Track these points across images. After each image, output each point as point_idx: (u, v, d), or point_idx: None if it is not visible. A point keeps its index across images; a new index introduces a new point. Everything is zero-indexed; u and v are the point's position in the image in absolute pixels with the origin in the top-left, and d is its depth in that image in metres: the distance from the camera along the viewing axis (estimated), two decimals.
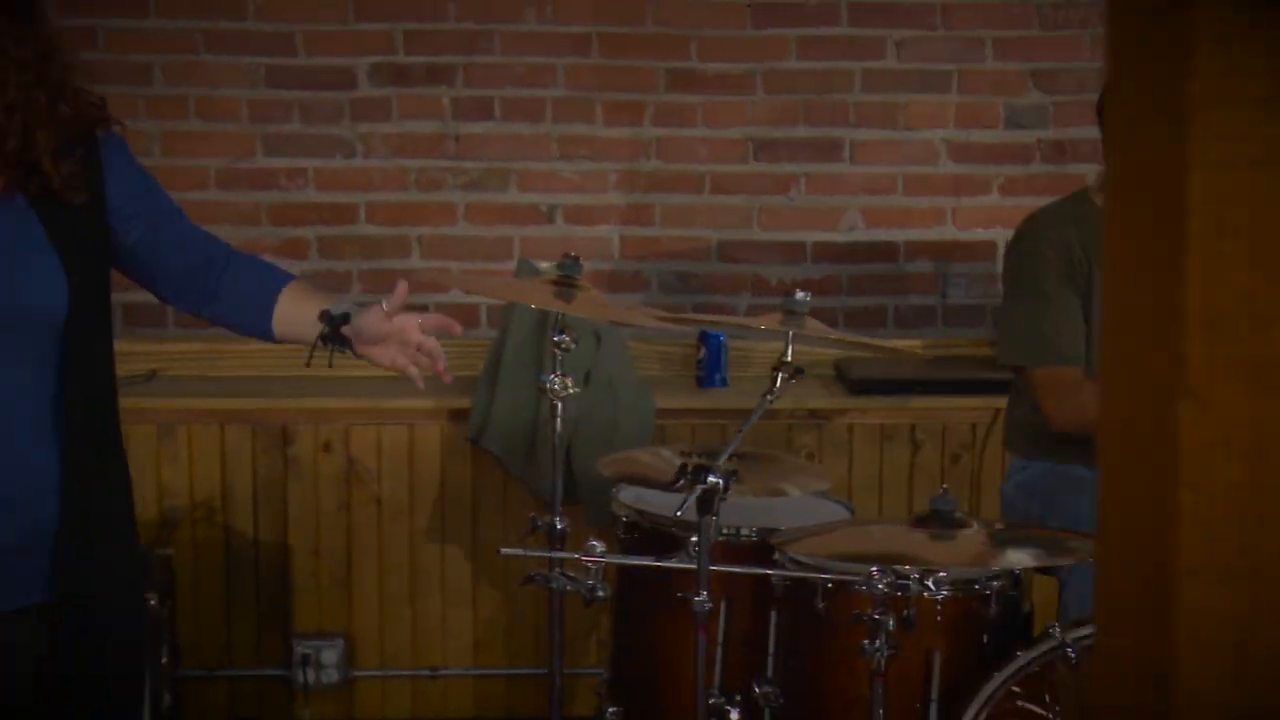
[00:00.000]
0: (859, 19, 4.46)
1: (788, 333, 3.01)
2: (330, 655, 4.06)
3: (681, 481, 2.88)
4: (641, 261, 4.49)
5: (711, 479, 2.84)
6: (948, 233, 4.55)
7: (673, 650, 3.34)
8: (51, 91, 2.26)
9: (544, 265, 4.26)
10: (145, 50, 4.34)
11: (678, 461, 3.25)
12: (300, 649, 4.05)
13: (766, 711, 3.22)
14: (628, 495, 3.46)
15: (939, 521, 2.98)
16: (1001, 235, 4.55)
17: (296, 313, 2.50)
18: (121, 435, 2.40)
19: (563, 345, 3.24)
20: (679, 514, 2.86)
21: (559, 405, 3.25)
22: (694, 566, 2.99)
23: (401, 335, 2.52)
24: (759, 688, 3.19)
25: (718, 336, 4.19)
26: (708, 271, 4.52)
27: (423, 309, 4.40)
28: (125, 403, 2.43)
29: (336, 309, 2.49)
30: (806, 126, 4.50)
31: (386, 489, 4.10)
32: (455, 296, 4.47)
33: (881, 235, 4.54)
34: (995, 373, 4.17)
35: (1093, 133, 4.47)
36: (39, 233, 2.26)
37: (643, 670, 3.40)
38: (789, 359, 3.01)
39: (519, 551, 3.23)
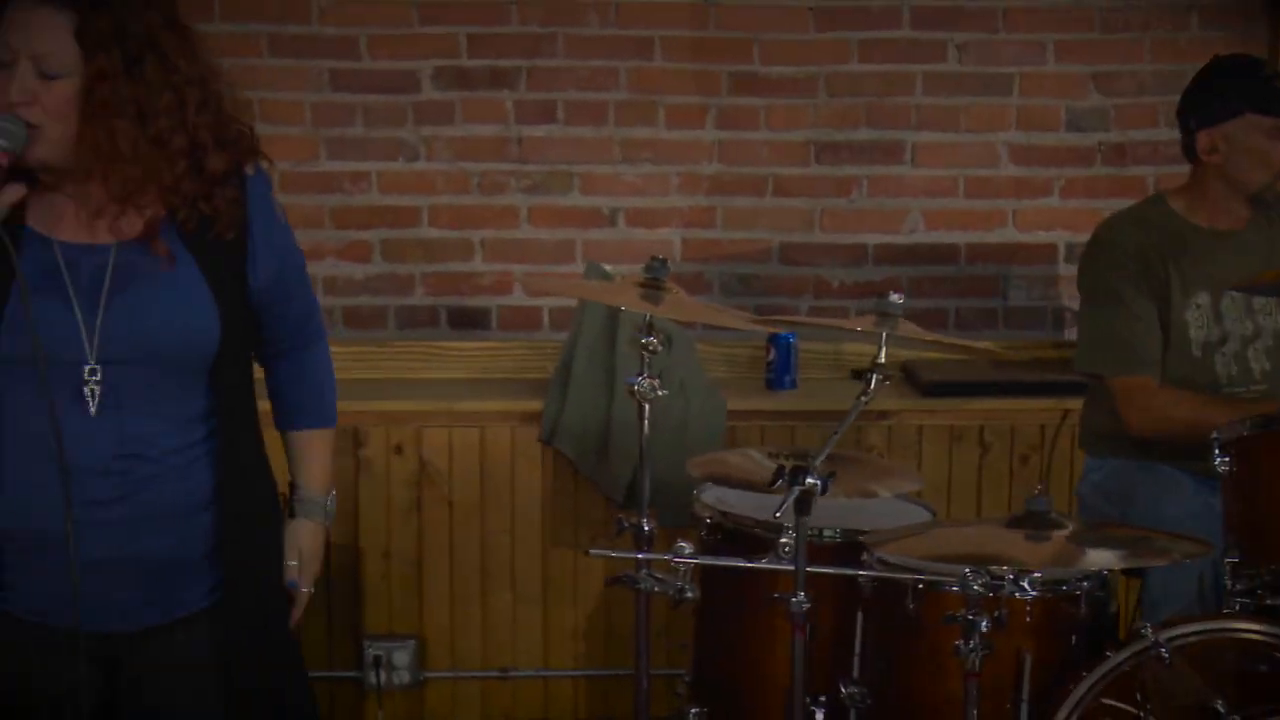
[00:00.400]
0: (921, 22, 4.48)
1: (882, 334, 3.01)
2: (402, 657, 4.08)
3: (779, 482, 2.89)
4: (703, 264, 4.50)
5: (810, 480, 2.85)
6: (1008, 235, 4.56)
7: (758, 650, 3.35)
8: (216, 115, 2.30)
9: (612, 269, 4.28)
10: (210, 53, 4.34)
11: (766, 462, 3.29)
12: (372, 650, 4.06)
13: (852, 712, 3.23)
14: (710, 496, 3.47)
15: (1035, 522, 2.99)
16: (1062, 238, 4.57)
17: (298, 460, 2.63)
18: (265, 450, 2.47)
19: (650, 347, 3.25)
20: (778, 515, 2.86)
21: (646, 407, 3.26)
22: (783, 567, 3.01)
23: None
24: (845, 688, 3.21)
25: (787, 338, 4.20)
26: (769, 274, 4.54)
27: (485, 311, 4.45)
28: None
29: (295, 505, 2.62)
30: (868, 129, 4.51)
31: (457, 490, 4.11)
32: (518, 299, 4.49)
33: (942, 238, 4.56)
34: (1063, 375, 4.20)
35: (1153, 135, 4.51)
36: (192, 268, 2.30)
37: (727, 671, 3.41)
38: (883, 360, 3.01)
39: (608, 552, 3.24)
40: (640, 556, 3.26)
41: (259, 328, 2.47)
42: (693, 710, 3.43)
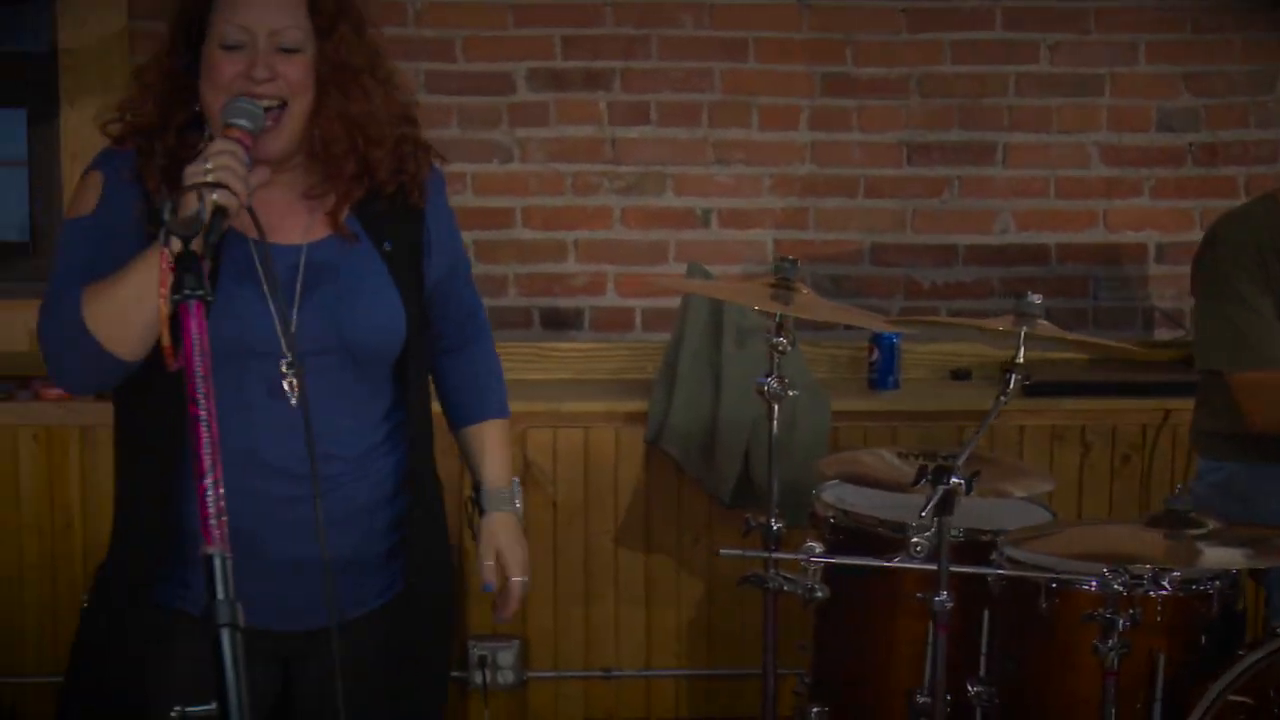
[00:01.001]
0: (1013, 23, 4.49)
1: (1019, 333, 3.02)
2: (506, 657, 4.09)
3: (922, 482, 2.90)
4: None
5: (954, 480, 2.86)
6: (1098, 235, 4.57)
7: (882, 650, 3.36)
8: (393, 114, 2.32)
9: (712, 269, 4.29)
10: None
11: (896, 462, 3.30)
12: (477, 651, 4.07)
13: (978, 711, 3.24)
14: (830, 495, 3.48)
15: (1174, 522, 3.00)
16: (1152, 238, 4.58)
17: (478, 455, 2.63)
18: (434, 449, 2.49)
19: (779, 347, 3.27)
20: (924, 515, 2.87)
21: (775, 407, 3.28)
22: (915, 566, 3.02)
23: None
24: (971, 687, 3.21)
25: (891, 338, 4.21)
26: (861, 274, 4.55)
27: (578, 312, 4.46)
28: None
29: (483, 499, 2.62)
30: (960, 130, 4.52)
31: (562, 491, 4.12)
32: (611, 299, 4.50)
33: (1033, 238, 4.57)
34: (1164, 375, 4.21)
35: (1244, 135, 4.52)
36: (379, 266, 2.32)
37: (849, 670, 3.42)
38: (1020, 360, 3.02)
39: (738, 552, 3.25)
40: (769, 556, 3.27)
41: (433, 322, 2.49)
42: (814, 709, 3.44)
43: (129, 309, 2.11)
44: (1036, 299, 3.03)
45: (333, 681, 2.35)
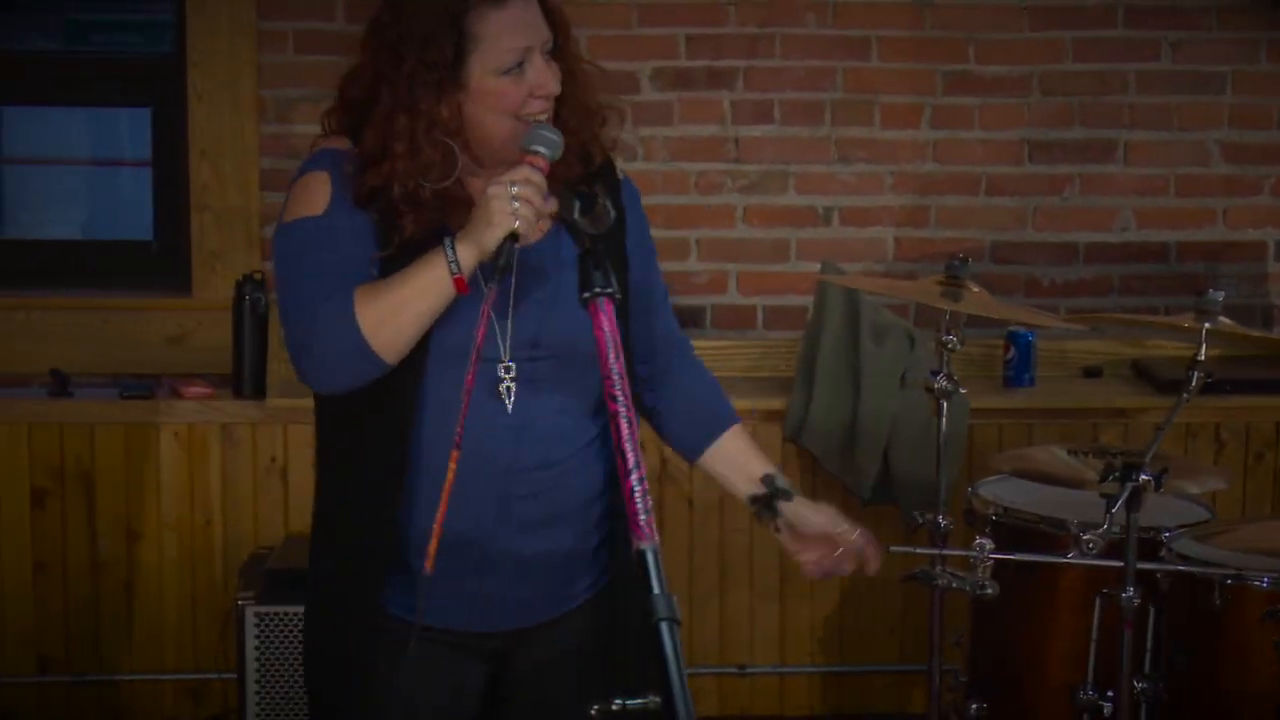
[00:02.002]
0: (1134, 21, 4.50)
1: (1202, 329, 3.04)
2: None
3: (1110, 479, 2.92)
4: (915, 263, 4.52)
5: (1144, 477, 2.87)
6: (1218, 233, 4.58)
7: (1044, 646, 3.38)
8: (593, 116, 2.32)
9: (846, 267, 4.31)
10: None
11: (1067, 458, 3.31)
12: None
13: (1143, 707, 3.25)
14: (988, 492, 3.49)
15: None
16: (1272, 236, 4.59)
17: (739, 458, 2.57)
18: None
19: (949, 345, 3.28)
20: (1113, 512, 2.89)
21: (944, 404, 3.29)
22: (1089, 562, 3.03)
23: (831, 540, 2.57)
24: (1137, 683, 3.23)
25: (1027, 336, 4.22)
26: (981, 272, 4.55)
27: (700, 310, 4.47)
28: None
29: (780, 482, 2.53)
30: (1081, 128, 4.53)
31: (698, 488, 4.14)
32: (732, 298, 4.51)
33: (1153, 236, 4.57)
34: None
35: None
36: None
37: (1010, 666, 3.43)
38: (1203, 358, 3.03)
39: (908, 549, 3.26)
40: (938, 553, 3.28)
41: (634, 342, 2.43)
42: (973, 705, 3.45)
43: (404, 314, 2.14)
44: (1219, 295, 3.04)
45: (538, 676, 2.38)
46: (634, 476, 1.62)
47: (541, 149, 2.16)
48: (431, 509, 2.14)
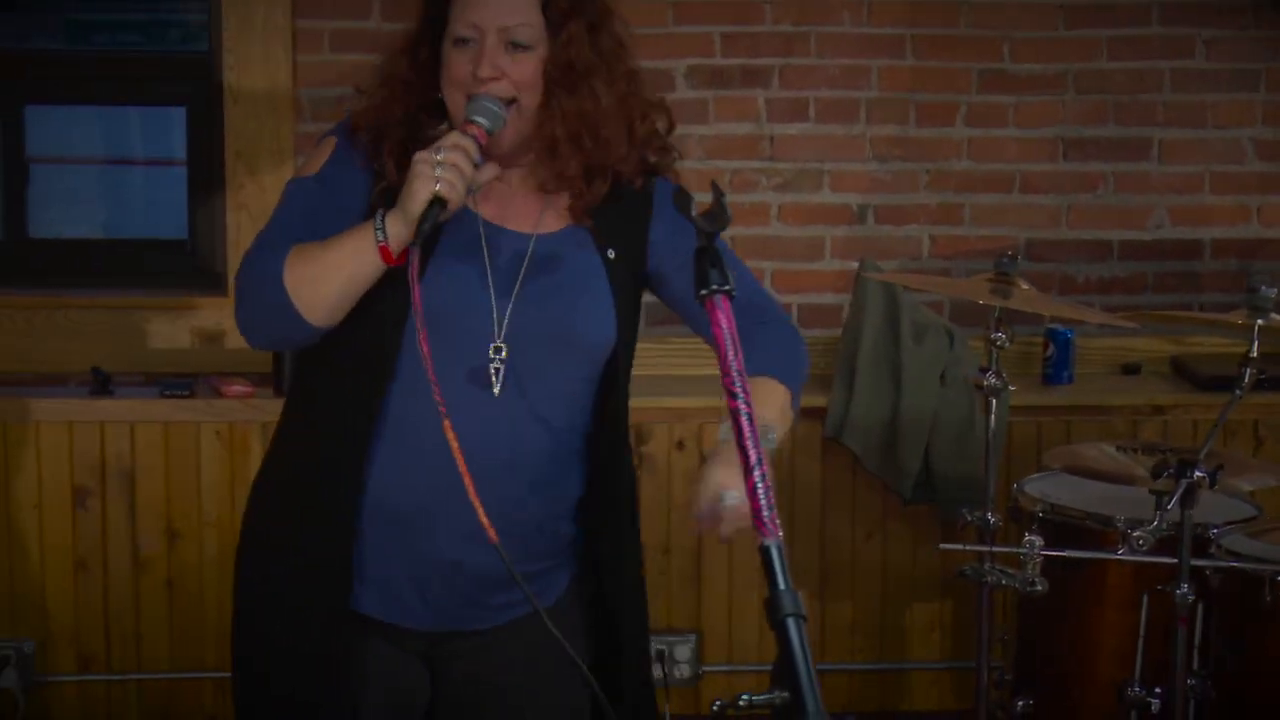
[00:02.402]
0: (1169, 18, 4.50)
1: (1254, 326, 3.04)
2: (683, 651, 4.11)
3: (1164, 476, 2.92)
4: (949, 260, 4.53)
5: (1198, 474, 2.88)
6: (1253, 230, 4.58)
7: (1092, 643, 3.38)
8: (629, 114, 2.31)
9: (884, 264, 4.31)
10: None
11: (1117, 455, 3.31)
12: (654, 645, 4.09)
13: (1191, 703, 3.25)
14: (1034, 489, 3.50)
15: None
16: None
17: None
18: (632, 457, 2.45)
19: (998, 342, 3.28)
20: (1167, 509, 2.89)
21: (994, 402, 3.29)
22: (1137, 559, 3.04)
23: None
24: (1186, 680, 3.23)
25: (1066, 334, 4.23)
26: (1019, 269, 4.55)
27: None
28: None
29: (721, 433, 2.35)
30: (1115, 125, 4.53)
31: None
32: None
33: (1187, 233, 4.58)
34: None
35: None
36: (600, 271, 2.29)
37: (1056, 663, 3.44)
38: (1254, 354, 3.04)
39: (957, 546, 3.27)
40: (987, 550, 3.29)
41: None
42: (1019, 702, 3.46)
43: (329, 276, 2.15)
44: (1271, 292, 3.04)
45: (475, 689, 2.33)
46: (756, 473, 1.61)
47: (480, 119, 2.17)
48: (392, 479, 2.19)
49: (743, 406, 1.62)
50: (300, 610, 2.27)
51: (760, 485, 1.61)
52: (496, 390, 2.21)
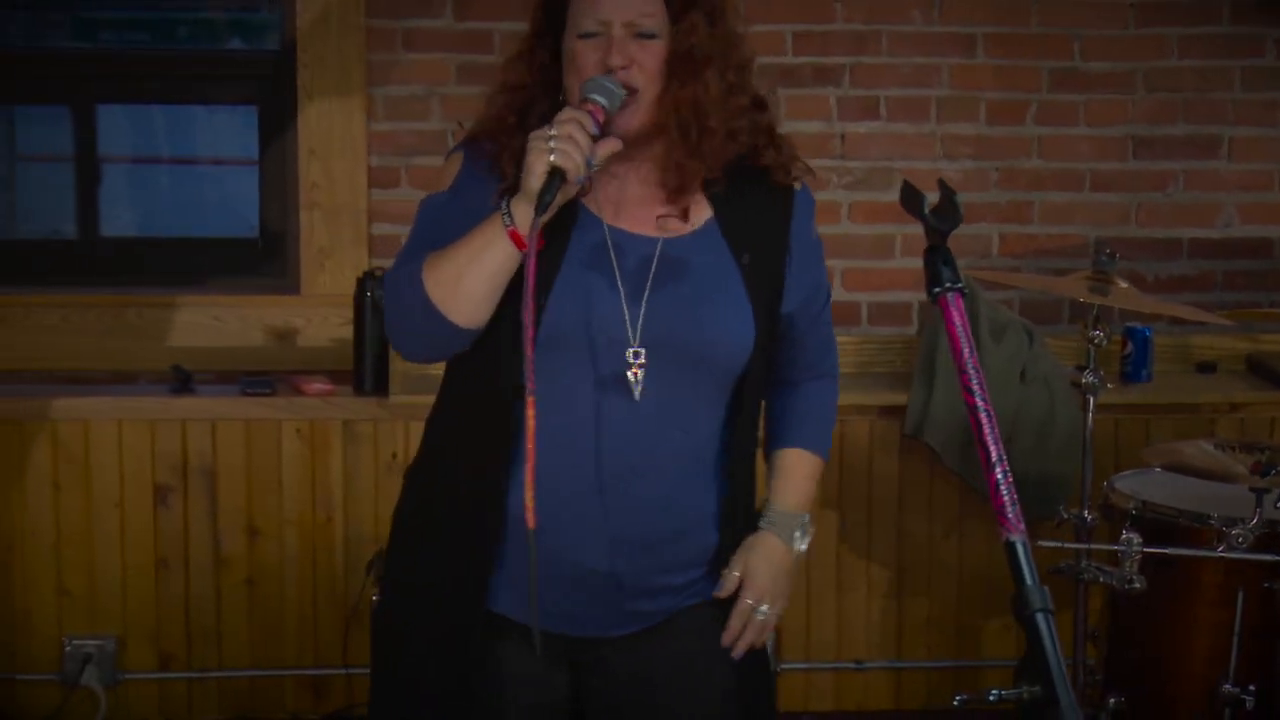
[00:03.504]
0: (1239, 17, 4.51)
1: None
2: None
3: (1273, 473, 2.93)
4: (1018, 259, 4.54)
5: None
6: None
7: (1185, 640, 3.38)
8: (737, 105, 2.27)
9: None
10: None
11: (1215, 452, 3.32)
12: None
13: None
14: (1125, 486, 3.50)
15: None
16: None
17: (776, 475, 2.42)
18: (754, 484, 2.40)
19: (1095, 340, 3.29)
20: (1277, 505, 2.90)
21: (1090, 400, 3.30)
22: (1237, 556, 3.05)
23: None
24: None
25: (1144, 331, 4.24)
26: (1085, 269, 4.55)
27: None
28: None
29: (769, 513, 2.39)
30: (1185, 124, 4.54)
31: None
32: (836, 294, 4.51)
33: (1256, 232, 4.59)
34: None
35: None
36: (736, 277, 2.26)
37: (1149, 660, 3.44)
38: None
39: (1056, 544, 3.27)
40: (1084, 547, 3.29)
41: (777, 352, 2.37)
42: (1111, 699, 3.46)
43: (466, 273, 2.14)
44: None
45: (617, 695, 2.31)
46: (998, 470, 1.62)
47: (596, 96, 2.16)
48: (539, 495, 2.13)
49: (979, 403, 1.63)
50: (438, 608, 2.28)
51: (1002, 482, 1.61)
52: (636, 395, 2.20)
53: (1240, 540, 3.13)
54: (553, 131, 2.10)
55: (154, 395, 4.10)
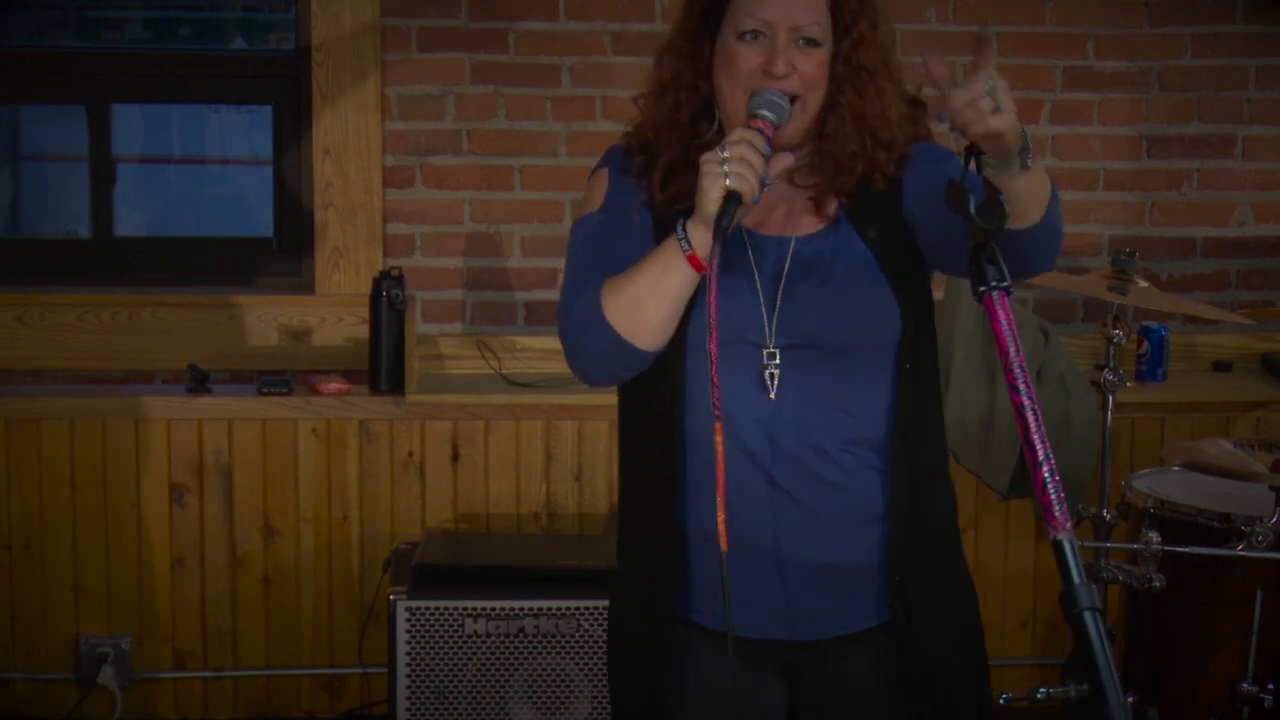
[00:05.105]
0: (1253, 15, 4.51)
1: None
2: None
3: None
4: None
5: None
6: None
7: (1205, 639, 3.39)
8: (901, 114, 2.27)
9: None
10: (555, 52, 4.39)
11: (1236, 450, 3.32)
12: None
13: None
14: (1143, 484, 3.50)
15: None
16: None
17: None
18: (948, 460, 2.39)
19: (1115, 340, 3.29)
20: None
21: (1110, 398, 3.30)
22: (1258, 555, 3.05)
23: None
24: None
25: (1160, 331, 4.24)
26: (1099, 267, 4.55)
27: None
28: None
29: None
30: (1199, 123, 4.54)
31: None
32: None
33: (1271, 230, 4.58)
34: None
35: None
36: (867, 256, 2.24)
37: (1167, 659, 3.44)
38: None
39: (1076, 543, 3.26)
40: (1104, 546, 3.29)
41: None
42: (1129, 698, 3.46)
43: (646, 298, 2.13)
44: None
45: (831, 696, 2.28)
46: (1045, 469, 1.61)
47: (765, 112, 2.14)
48: (702, 500, 2.17)
49: (1026, 402, 1.63)
50: (635, 619, 2.33)
51: (1049, 480, 1.61)
52: (772, 395, 2.20)
53: (1260, 539, 3.13)
54: (725, 154, 2.07)
55: (170, 395, 4.10)
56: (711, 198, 2.07)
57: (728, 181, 2.06)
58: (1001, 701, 1.75)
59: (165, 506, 4.06)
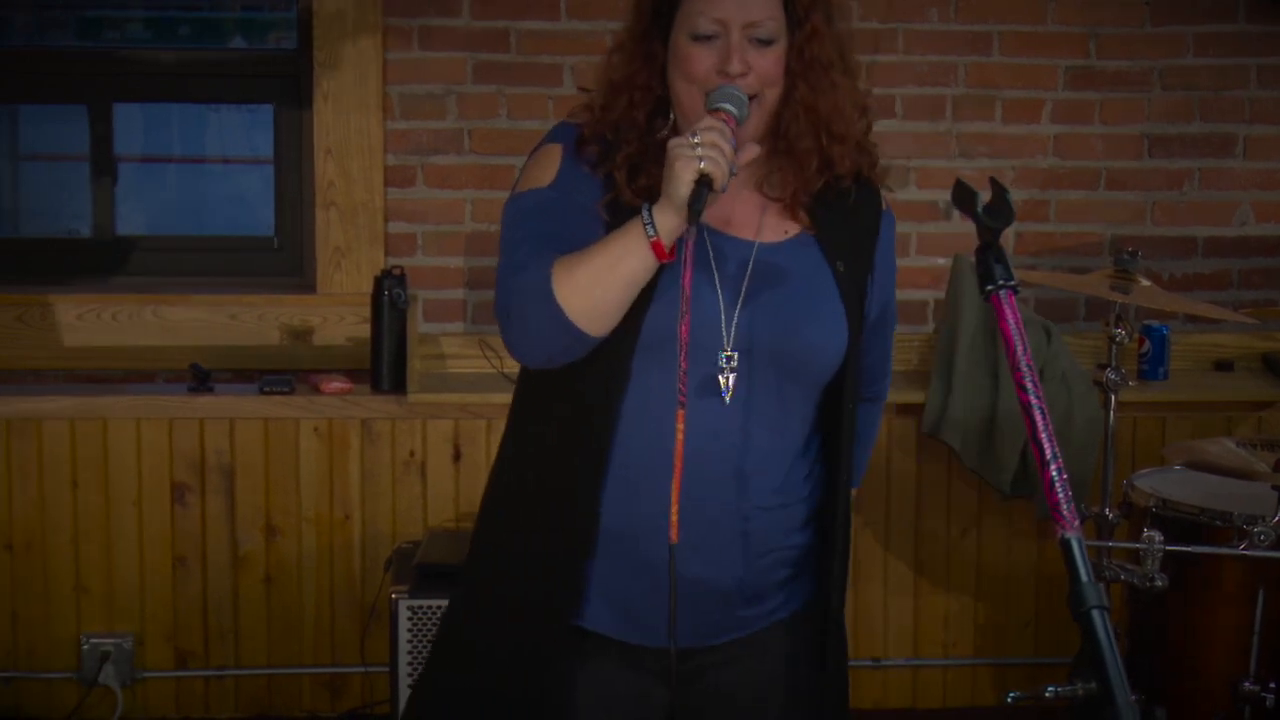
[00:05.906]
0: (1256, 15, 4.51)
1: None
2: None
3: None
4: (1035, 257, 4.54)
5: None
6: None
7: (1205, 638, 3.38)
8: (857, 108, 2.25)
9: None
10: (556, 51, 4.39)
11: (1239, 450, 3.31)
12: None
13: None
14: (1145, 484, 3.50)
15: None
16: None
17: None
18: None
19: (1117, 339, 3.29)
20: None
21: (1112, 397, 3.30)
22: (1260, 554, 3.04)
23: None
24: None
25: (1162, 330, 4.24)
26: (1100, 267, 4.55)
27: None
28: None
29: None
30: (1201, 122, 4.54)
31: None
32: None
33: (1272, 230, 4.58)
34: None
35: None
36: (831, 284, 2.24)
37: (1168, 658, 3.44)
38: None
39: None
40: (1108, 545, 3.29)
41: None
42: (1131, 697, 3.45)
43: (601, 281, 2.09)
44: None
45: (718, 701, 2.28)
46: (1052, 468, 1.61)
47: (728, 106, 2.12)
48: (622, 499, 2.15)
49: (1033, 400, 1.62)
50: (524, 616, 2.24)
51: (1057, 480, 1.60)
52: (726, 399, 2.18)
53: (1262, 538, 3.13)
54: (697, 139, 2.05)
55: (172, 394, 4.10)
56: (684, 180, 2.05)
57: (701, 165, 2.04)
58: (1009, 700, 1.74)
59: (167, 506, 4.06)
